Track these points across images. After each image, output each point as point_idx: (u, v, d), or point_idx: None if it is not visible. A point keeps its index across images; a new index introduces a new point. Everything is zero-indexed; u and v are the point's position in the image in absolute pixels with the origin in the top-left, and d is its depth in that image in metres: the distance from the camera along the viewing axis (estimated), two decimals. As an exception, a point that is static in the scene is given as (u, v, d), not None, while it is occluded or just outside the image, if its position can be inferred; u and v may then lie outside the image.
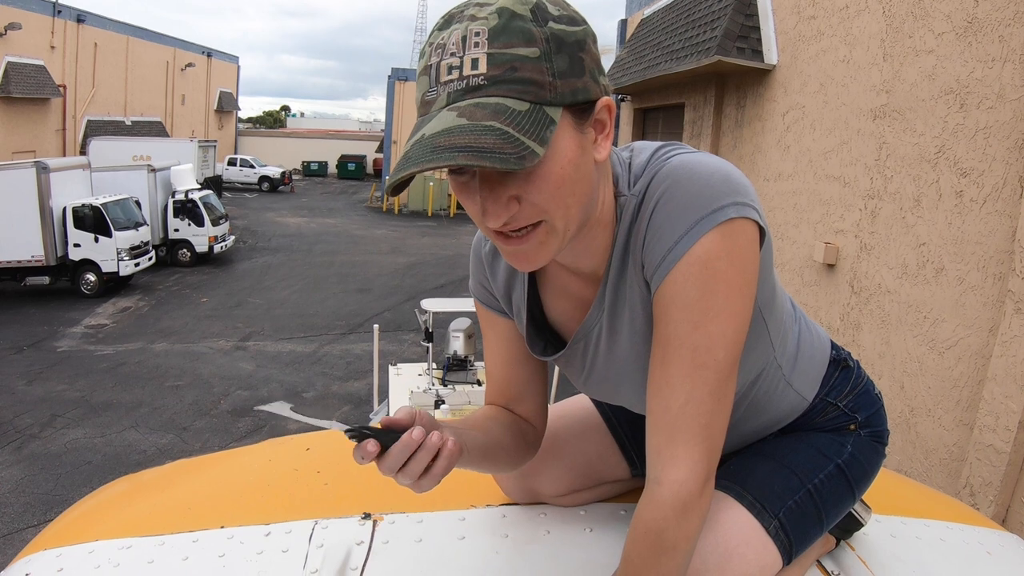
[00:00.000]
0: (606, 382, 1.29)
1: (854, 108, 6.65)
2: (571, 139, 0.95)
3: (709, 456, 1.04)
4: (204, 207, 23.20)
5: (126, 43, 36.26)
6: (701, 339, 1.02)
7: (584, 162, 0.98)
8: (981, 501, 4.65)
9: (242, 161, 44.85)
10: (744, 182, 1.05)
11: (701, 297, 1.01)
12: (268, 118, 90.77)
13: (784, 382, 1.33)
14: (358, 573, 1.29)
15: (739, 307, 1.03)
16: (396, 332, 15.80)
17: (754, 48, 8.64)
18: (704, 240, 1.00)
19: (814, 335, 1.40)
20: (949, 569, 1.45)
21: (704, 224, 1.00)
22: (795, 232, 7.78)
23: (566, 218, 0.98)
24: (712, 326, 1.02)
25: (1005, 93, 4.73)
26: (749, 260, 1.04)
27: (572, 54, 0.93)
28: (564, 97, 0.93)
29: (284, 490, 1.62)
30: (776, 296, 1.24)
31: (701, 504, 1.04)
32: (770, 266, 1.17)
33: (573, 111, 0.95)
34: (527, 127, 0.89)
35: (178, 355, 14.30)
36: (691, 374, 1.03)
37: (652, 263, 1.05)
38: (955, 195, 5.17)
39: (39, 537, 1.57)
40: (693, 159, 1.06)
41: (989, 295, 4.81)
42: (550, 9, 0.93)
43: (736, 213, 1.01)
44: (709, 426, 1.04)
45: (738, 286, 1.02)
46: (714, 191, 1.01)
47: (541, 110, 0.91)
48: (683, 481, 1.03)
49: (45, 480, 9.26)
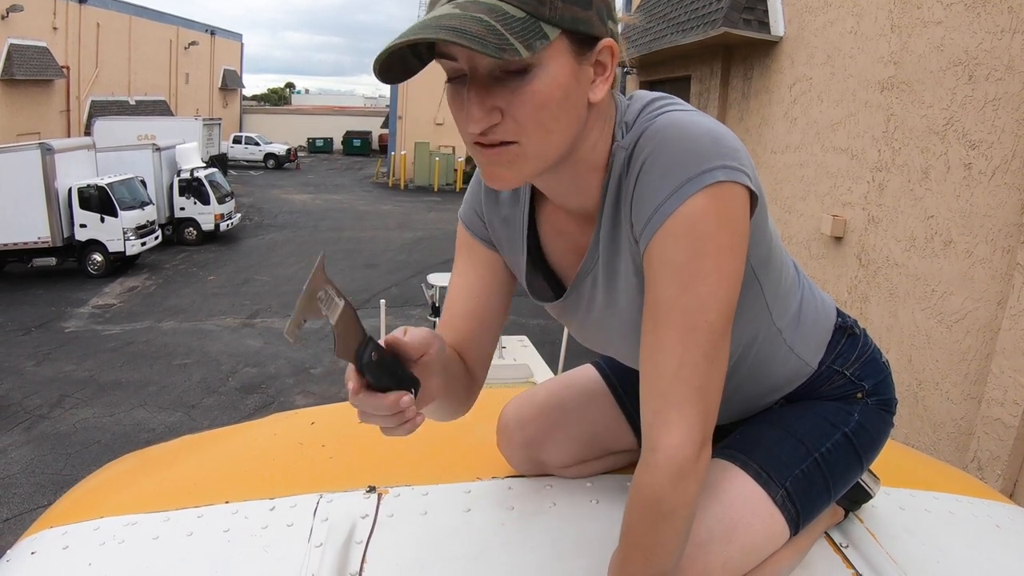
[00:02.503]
0: (601, 332, 1.29)
1: (862, 80, 6.59)
2: (565, 64, 0.97)
3: (704, 419, 1.03)
4: (210, 185, 23.20)
5: (128, 22, 36.12)
6: (691, 301, 1.00)
7: (575, 94, 0.99)
8: (989, 475, 4.64)
9: (247, 139, 44.82)
10: (735, 144, 1.03)
11: (689, 259, 1.00)
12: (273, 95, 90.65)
13: (785, 347, 1.31)
14: (363, 546, 1.29)
15: (729, 268, 1.01)
16: (403, 307, 15.81)
17: (760, 20, 8.56)
18: (691, 201, 0.98)
19: (818, 301, 1.38)
20: (958, 542, 1.44)
21: (691, 185, 0.98)
22: (802, 205, 7.75)
23: (541, 144, 1.00)
24: (702, 288, 1.00)
25: (1014, 64, 4.68)
26: (738, 222, 1.03)
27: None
28: (564, 20, 0.94)
29: (289, 464, 1.62)
30: (772, 259, 1.22)
31: (698, 468, 1.02)
32: (764, 228, 1.16)
33: (572, 38, 0.96)
34: (517, 30, 0.90)
35: (186, 333, 14.33)
36: (683, 337, 1.01)
37: (639, 223, 1.04)
38: (963, 167, 5.13)
39: (45, 515, 1.57)
40: (684, 117, 1.04)
41: (998, 268, 4.78)
42: None
43: (725, 176, 0.99)
44: (703, 389, 1.02)
45: (728, 247, 1.01)
46: (703, 152, 1.00)
47: (536, 22, 0.92)
48: (678, 446, 1.01)
49: (55, 460, 9.31)
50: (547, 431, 1.48)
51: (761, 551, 1.20)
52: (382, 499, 1.44)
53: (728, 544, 1.16)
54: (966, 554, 1.40)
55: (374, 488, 1.47)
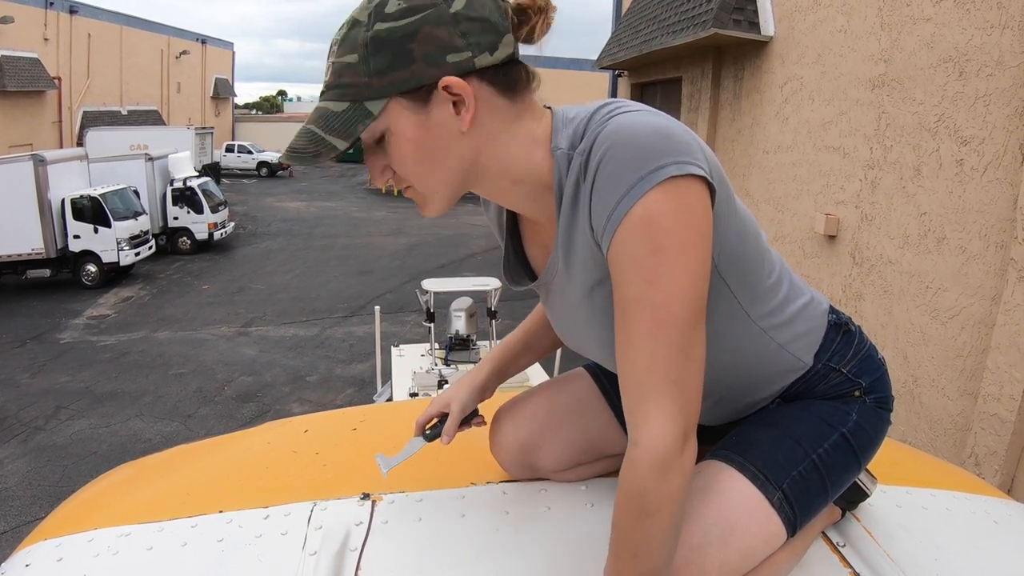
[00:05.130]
0: (570, 329, 1.33)
1: (852, 78, 6.60)
2: (408, 120, 1.08)
3: (684, 411, 1.03)
4: (203, 194, 23.17)
5: (119, 32, 36.11)
6: (657, 296, 1.02)
7: (434, 137, 1.09)
8: (986, 471, 4.64)
9: (240, 147, 44.73)
10: (686, 139, 1.04)
11: (651, 254, 1.01)
12: (265, 103, 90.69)
13: (774, 344, 1.30)
14: (357, 554, 1.28)
15: (693, 261, 1.03)
16: (398, 313, 15.80)
17: (750, 20, 8.58)
18: (645, 199, 1.00)
19: (808, 298, 1.37)
20: (956, 539, 1.43)
21: (644, 183, 1.00)
22: (795, 204, 7.76)
23: (428, 184, 1.14)
24: (666, 282, 1.01)
25: (1004, 60, 4.68)
26: (698, 215, 1.04)
27: (398, 48, 1.04)
28: (387, 90, 1.06)
29: (283, 473, 1.61)
30: (744, 254, 1.22)
31: (682, 462, 1.03)
32: (728, 222, 1.16)
33: (407, 97, 1.07)
34: (336, 126, 1.07)
35: (181, 343, 14.31)
36: (652, 331, 1.02)
37: (599, 227, 1.06)
38: (956, 164, 5.13)
39: (39, 528, 1.57)
40: (632, 120, 1.06)
41: (991, 264, 4.78)
42: (389, 7, 1.04)
43: (677, 171, 1.01)
44: (679, 382, 1.03)
45: (690, 240, 1.02)
46: (653, 150, 1.01)
47: (360, 106, 1.07)
48: (658, 438, 1.01)
49: (51, 472, 9.29)
50: (541, 435, 1.48)
51: (758, 553, 1.20)
52: (376, 506, 1.43)
53: (725, 547, 1.15)
54: (964, 551, 1.40)
55: (368, 495, 1.47)
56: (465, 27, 1.05)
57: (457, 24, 1.05)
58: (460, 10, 1.05)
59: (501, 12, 1.09)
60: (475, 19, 1.06)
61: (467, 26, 1.05)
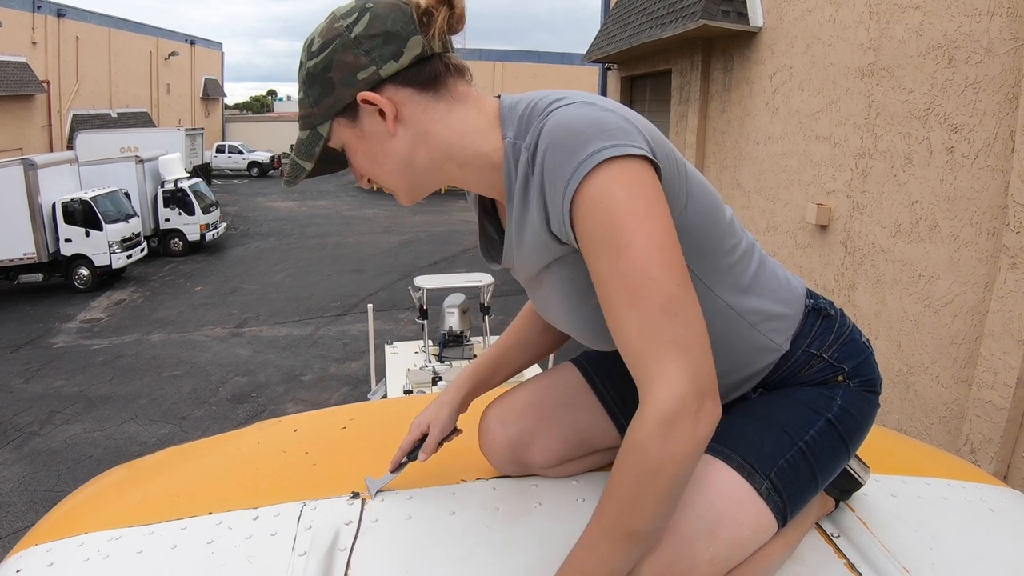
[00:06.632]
0: (540, 306, 1.41)
1: (842, 67, 6.61)
2: (350, 134, 1.24)
3: (691, 369, 1.02)
4: (194, 195, 23.13)
5: (108, 35, 36.00)
6: (626, 266, 1.04)
7: (374, 142, 1.23)
8: (982, 458, 4.65)
9: (230, 148, 44.61)
10: (622, 126, 1.09)
11: (609, 227, 1.05)
12: (255, 103, 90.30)
13: (744, 323, 1.30)
14: (347, 553, 1.28)
15: (653, 225, 1.05)
16: (391, 311, 15.79)
17: (739, 11, 8.58)
18: (588, 181, 1.05)
19: (782, 280, 1.37)
20: (952, 527, 1.43)
21: (583, 167, 1.05)
22: (787, 194, 7.76)
23: (384, 181, 1.29)
24: (632, 251, 1.04)
25: (993, 47, 4.68)
26: (647, 185, 1.07)
27: (322, 79, 1.20)
28: (326, 115, 1.22)
29: (272, 473, 1.61)
30: (702, 229, 1.23)
31: (693, 425, 1.01)
32: (678, 197, 1.19)
33: (343, 115, 1.22)
34: (303, 150, 1.26)
35: (175, 345, 14.28)
36: (632, 301, 1.04)
37: (555, 221, 1.13)
38: (946, 151, 5.14)
39: (31, 533, 1.57)
40: (570, 112, 1.11)
41: (983, 251, 4.79)
42: (313, 47, 1.20)
43: (615, 152, 1.05)
44: (675, 342, 1.02)
45: (643, 208, 1.05)
46: (589, 137, 1.06)
47: (314, 131, 1.24)
48: (665, 397, 1.00)
49: (47, 477, 9.26)
50: (530, 432, 1.48)
51: (748, 545, 1.19)
52: (366, 505, 1.43)
53: (714, 539, 1.14)
54: (960, 539, 1.39)
55: (358, 494, 1.46)
56: (367, 45, 1.17)
57: (359, 45, 1.17)
58: (361, 32, 1.17)
59: (406, 18, 1.18)
60: (376, 35, 1.17)
61: (369, 44, 1.17)
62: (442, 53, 1.22)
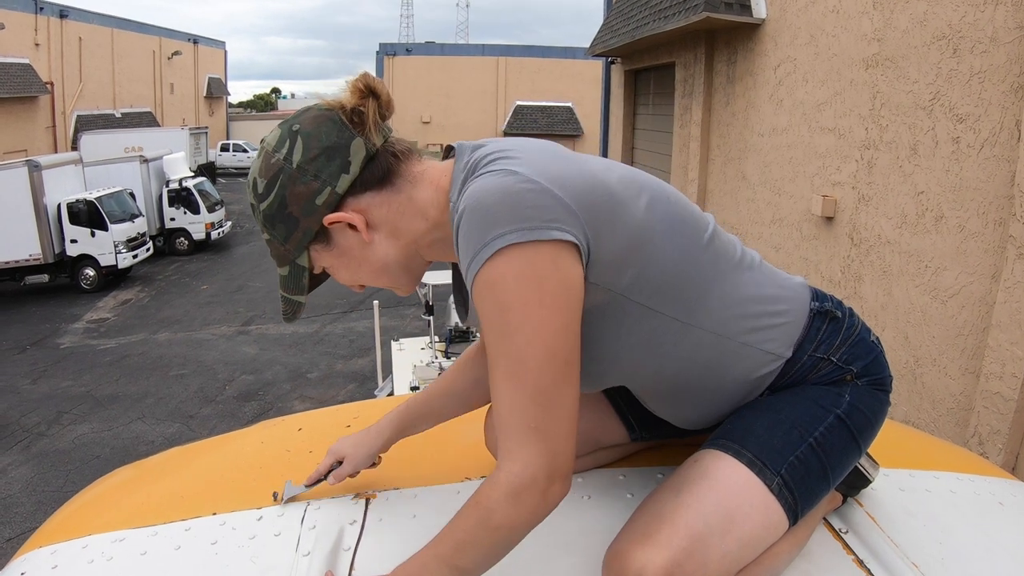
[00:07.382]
0: None
1: (846, 58, 6.57)
2: (328, 256, 1.26)
3: (549, 454, 1.06)
4: (199, 194, 23.20)
5: (111, 35, 36.06)
6: (510, 349, 1.07)
7: (350, 256, 1.25)
8: (990, 450, 4.63)
9: (235, 146, 44.72)
10: (538, 204, 1.07)
11: (498, 315, 1.07)
12: (259, 101, 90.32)
13: (735, 344, 1.28)
14: (351, 553, 1.28)
15: (542, 319, 1.06)
16: (397, 307, 15.81)
17: (742, 3, 8.54)
18: (486, 267, 1.06)
19: (779, 290, 1.35)
20: (961, 521, 1.41)
21: (483, 252, 1.06)
22: (792, 186, 7.73)
23: (375, 282, 1.32)
24: (517, 339, 1.06)
25: (998, 36, 4.65)
26: (544, 277, 1.06)
27: (283, 217, 1.20)
28: (300, 246, 1.23)
29: (277, 472, 1.60)
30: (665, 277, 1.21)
31: (541, 498, 1.06)
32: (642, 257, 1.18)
33: (316, 242, 1.23)
34: (291, 286, 1.28)
35: (181, 344, 14.32)
36: (508, 382, 1.08)
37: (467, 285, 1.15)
38: (952, 142, 5.11)
39: (36, 535, 1.56)
40: (488, 184, 1.09)
41: (990, 241, 4.76)
42: (259, 188, 1.20)
43: (518, 238, 1.05)
44: (539, 429, 1.06)
45: (535, 300, 1.06)
46: (495, 220, 1.06)
47: (294, 265, 1.26)
48: (518, 473, 1.05)
49: (55, 477, 9.29)
50: None
51: (760, 542, 1.18)
52: (370, 504, 1.42)
53: (726, 536, 1.13)
54: (969, 533, 1.38)
55: (362, 493, 1.46)
56: (313, 169, 1.17)
57: (305, 173, 1.17)
58: (301, 159, 1.16)
59: (337, 126, 1.18)
60: (316, 156, 1.17)
61: (314, 167, 1.17)
62: (385, 143, 1.22)
